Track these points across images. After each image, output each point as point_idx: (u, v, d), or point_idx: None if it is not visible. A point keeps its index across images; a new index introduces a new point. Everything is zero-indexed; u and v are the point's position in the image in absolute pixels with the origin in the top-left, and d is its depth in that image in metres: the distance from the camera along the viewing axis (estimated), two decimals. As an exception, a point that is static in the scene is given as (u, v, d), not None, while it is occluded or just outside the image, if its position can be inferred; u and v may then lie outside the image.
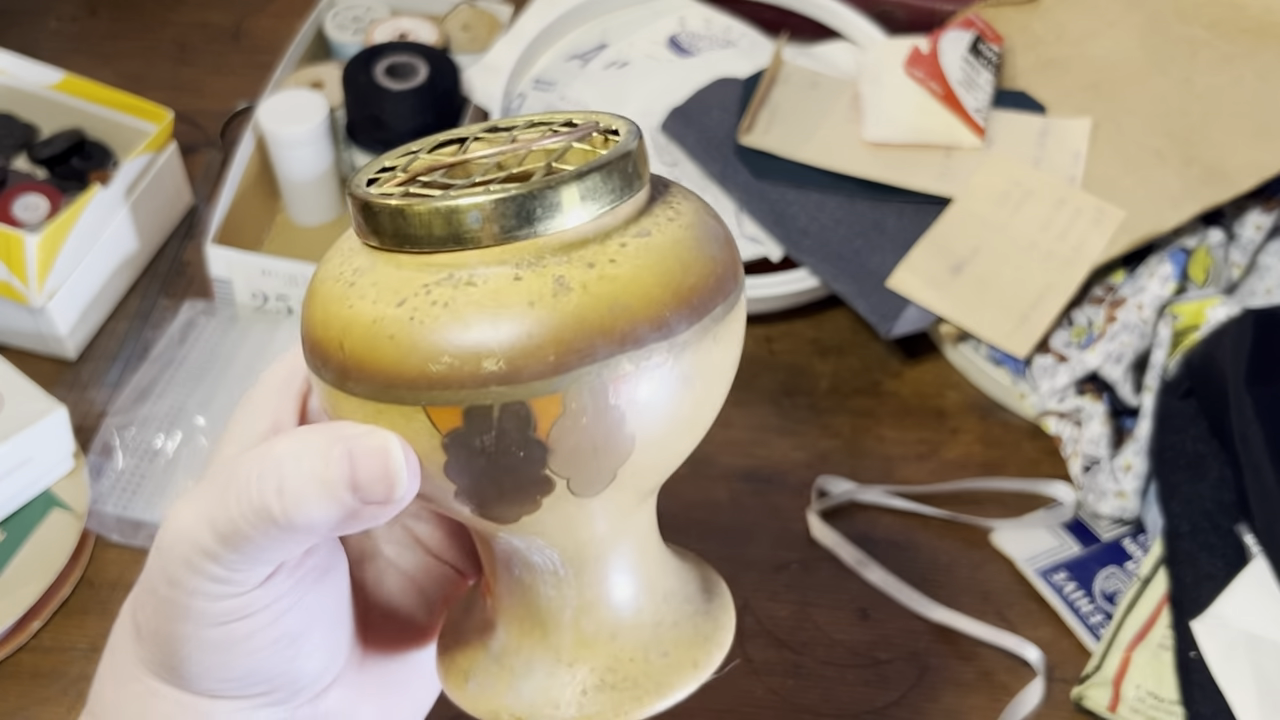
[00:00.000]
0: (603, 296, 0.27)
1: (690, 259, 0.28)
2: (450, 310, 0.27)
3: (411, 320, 0.27)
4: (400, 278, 0.28)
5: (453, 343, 0.27)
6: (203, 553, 0.30)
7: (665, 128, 0.80)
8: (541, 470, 0.28)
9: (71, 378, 0.75)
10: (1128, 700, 0.61)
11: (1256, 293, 0.77)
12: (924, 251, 0.75)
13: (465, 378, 0.27)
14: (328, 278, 0.29)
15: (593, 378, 0.27)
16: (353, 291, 0.28)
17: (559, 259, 0.27)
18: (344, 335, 0.28)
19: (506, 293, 0.27)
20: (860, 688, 0.63)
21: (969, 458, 0.73)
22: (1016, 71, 0.84)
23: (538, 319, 0.27)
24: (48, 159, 0.78)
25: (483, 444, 0.28)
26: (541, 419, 0.27)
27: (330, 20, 0.88)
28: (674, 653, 0.32)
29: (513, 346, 0.27)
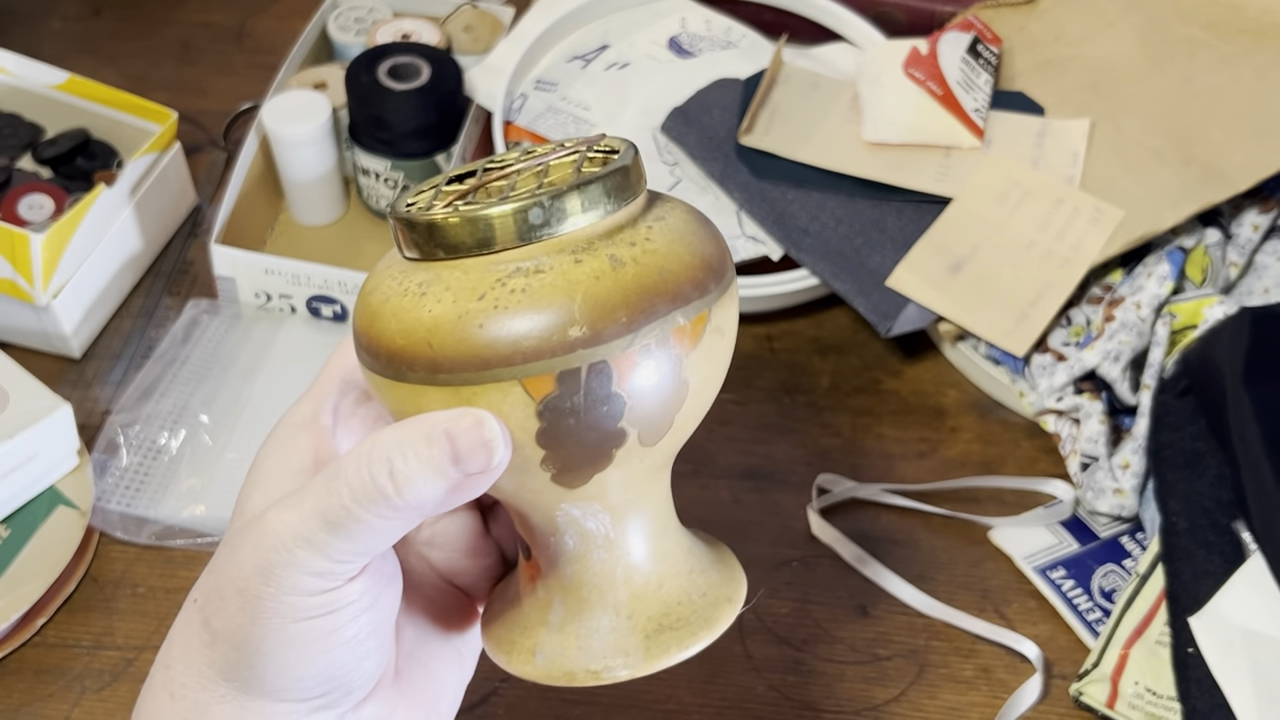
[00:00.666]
0: (651, 266, 0.32)
1: (702, 235, 0.34)
2: (529, 294, 0.31)
3: (496, 308, 0.31)
4: (472, 278, 0.32)
5: (539, 319, 0.31)
6: (309, 545, 0.32)
7: (666, 128, 0.80)
8: (619, 423, 0.32)
9: (76, 375, 0.75)
10: (1126, 696, 0.61)
11: (1254, 292, 0.77)
12: (923, 251, 0.75)
13: (555, 346, 0.31)
14: (392, 295, 0.33)
15: (657, 331, 0.32)
16: (428, 299, 0.32)
17: (605, 243, 0.32)
18: (431, 335, 0.32)
19: (574, 272, 0.32)
20: (860, 684, 0.64)
21: (968, 456, 0.73)
22: (1015, 72, 0.84)
23: (607, 289, 0.31)
24: (52, 159, 0.78)
25: (573, 404, 0.32)
26: (621, 372, 0.32)
27: (333, 21, 0.89)
28: (710, 592, 0.37)
29: (591, 313, 0.31)
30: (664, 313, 0.32)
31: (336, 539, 0.32)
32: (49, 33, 0.97)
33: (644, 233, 0.33)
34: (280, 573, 0.32)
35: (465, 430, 0.31)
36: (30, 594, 0.63)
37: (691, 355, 0.33)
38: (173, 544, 0.67)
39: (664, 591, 0.36)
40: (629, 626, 0.36)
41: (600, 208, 0.33)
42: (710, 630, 0.36)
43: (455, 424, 0.31)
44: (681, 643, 0.36)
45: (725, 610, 0.37)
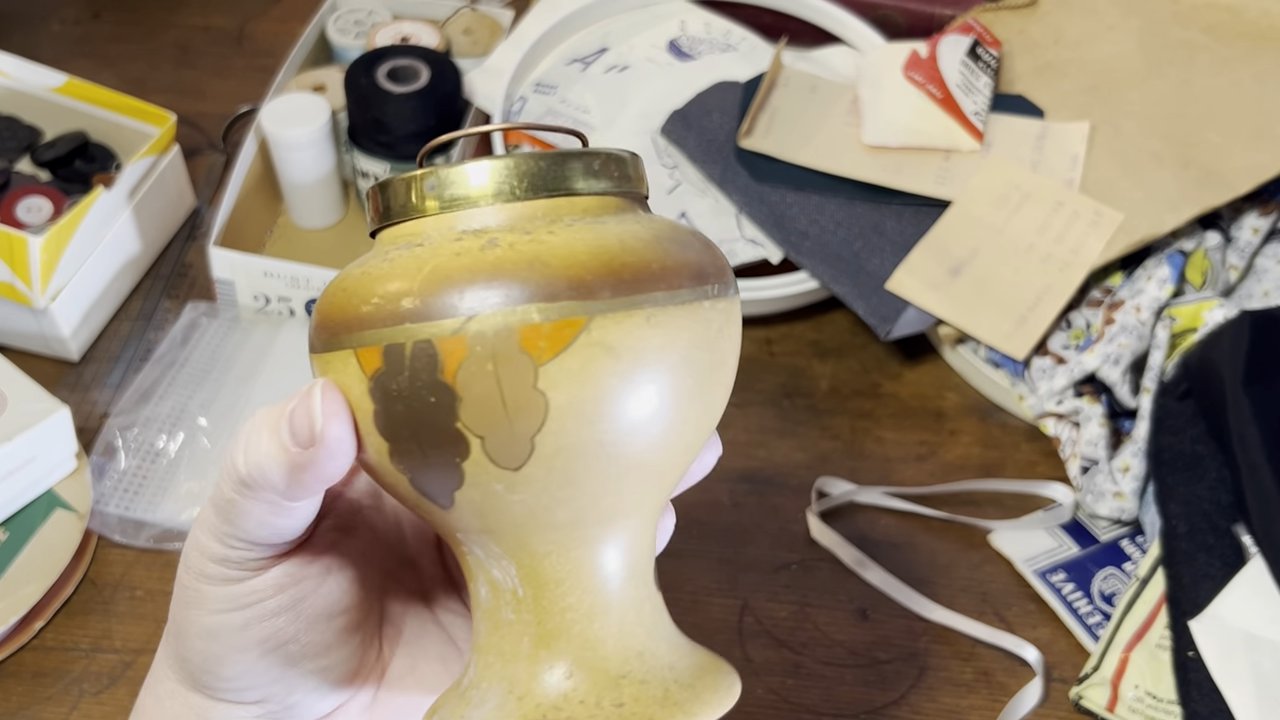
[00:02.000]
0: (525, 253, 0.28)
1: (637, 245, 0.29)
2: (393, 263, 0.29)
3: (364, 274, 0.30)
4: (374, 252, 0.31)
5: (384, 287, 0.29)
6: (209, 531, 0.32)
7: (665, 131, 0.80)
8: (454, 423, 0.28)
9: (74, 378, 0.75)
10: (1126, 700, 0.61)
11: (1254, 295, 0.77)
12: (923, 254, 0.75)
13: (385, 315, 0.28)
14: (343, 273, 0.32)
15: (498, 321, 0.28)
16: (350, 270, 0.31)
17: (501, 228, 0.29)
18: (322, 301, 0.31)
19: (443, 246, 0.29)
20: (860, 688, 0.64)
21: (968, 459, 0.73)
22: (1015, 75, 0.84)
23: (459, 265, 0.28)
24: (51, 161, 0.78)
25: (399, 385, 0.29)
26: (448, 360, 0.28)
27: (332, 24, 0.89)
28: (629, 706, 0.30)
29: (425, 285, 0.28)
30: (514, 302, 0.28)
31: (223, 524, 0.32)
32: (48, 35, 0.97)
33: (556, 227, 0.29)
34: (191, 559, 0.33)
35: (301, 401, 0.30)
36: (28, 597, 0.63)
37: (549, 365, 0.28)
38: (171, 547, 0.67)
39: (570, 683, 0.30)
40: (515, 712, 0.30)
41: (511, 192, 0.30)
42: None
43: (298, 396, 0.30)
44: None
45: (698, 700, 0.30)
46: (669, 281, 0.29)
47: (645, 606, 0.32)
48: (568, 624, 0.30)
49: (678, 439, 0.30)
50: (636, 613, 0.31)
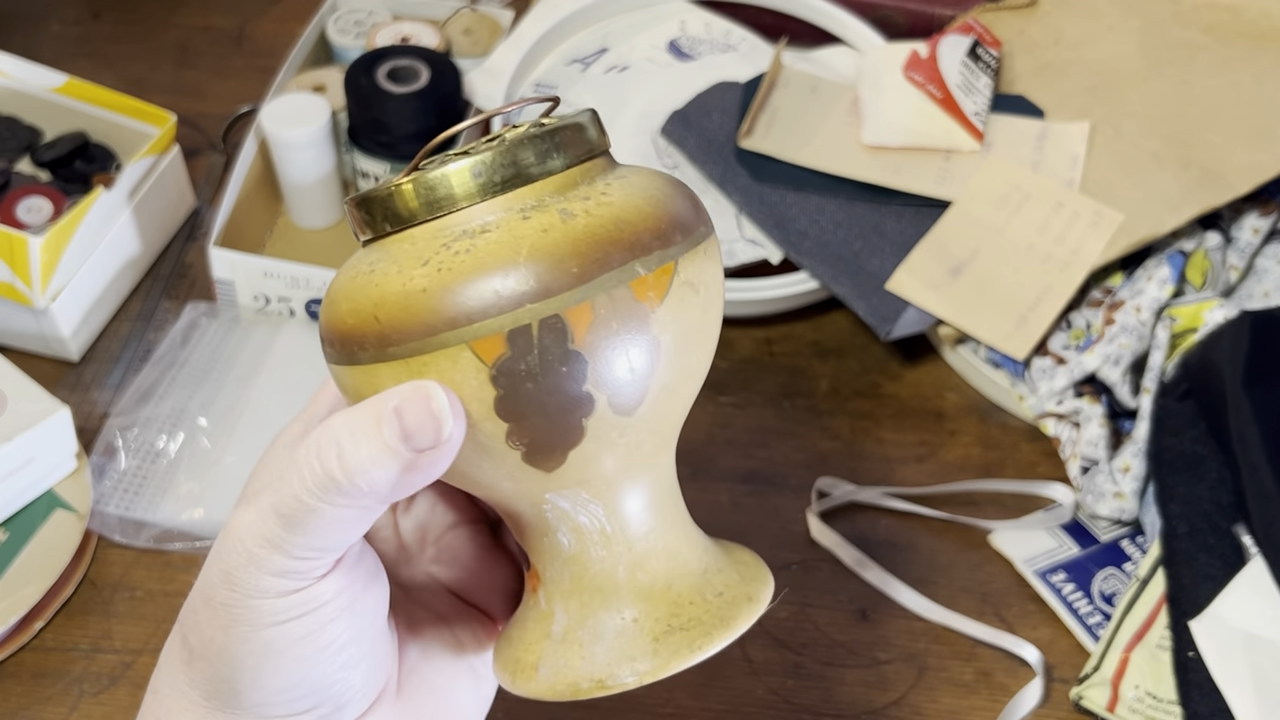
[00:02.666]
0: (606, 217, 0.31)
1: (667, 190, 0.33)
2: (474, 254, 0.30)
3: (440, 271, 0.30)
4: (416, 248, 0.31)
5: (485, 276, 0.30)
6: (267, 543, 0.31)
7: (665, 131, 0.80)
8: (583, 386, 0.30)
9: (74, 379, 0.75)
10: (1126, 700, 0.61)
11: (1254, 295, 0.77)
12: (923, 254, 0.75)
13: (503, 302, 0.29)
14: (343, 278, 0.32)
15: (614, 282, 0.30)
16: (375, 275, 0.31)
17: (556, 199, 0.31)
18: (377, 309, 0.30)
19: (520, 228, 0.30)
20: (860, 688, 0.64)
21: (968, 459, 0.73)
22: (1015, 75, 0.84)
23: (555, 240, 0.30)
24: (51, 162, 0.78)
25: (528, 365, 0.30)
26: (577, 328, 0.30)
27: (332, 24, 0.89)
28: (727, 592, 0.35)
29: (539, 265, 0.30)
30: (620, 262, 0.30)
31: (294, 534, 0.30)
32: (48, 36, 0.97)
33: (600, 188, 0.32)
34: (242, 575, 0.31)
35: (413, 404, 0.30)
36: (28, 597, 0.63)
37: (659, 310, 0.31)
38: (171, 547, 0.67)
39: (673, 591, 0.34)
40: (635, 630, 0.33)
41: (550, 163, 0.32)
42: (726, 630, 0.34)
43: (403, 399, 0.30)
44: (693, 644, 0.33)
45: (745, 609, 0.34)
46: (699, 218, 0.33)
47: (686, 511, 0.36)
48: (652, 545, 0.34)
49: (713, 352, 0.35)
50: (686, 518, 0.36)
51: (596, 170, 0.33)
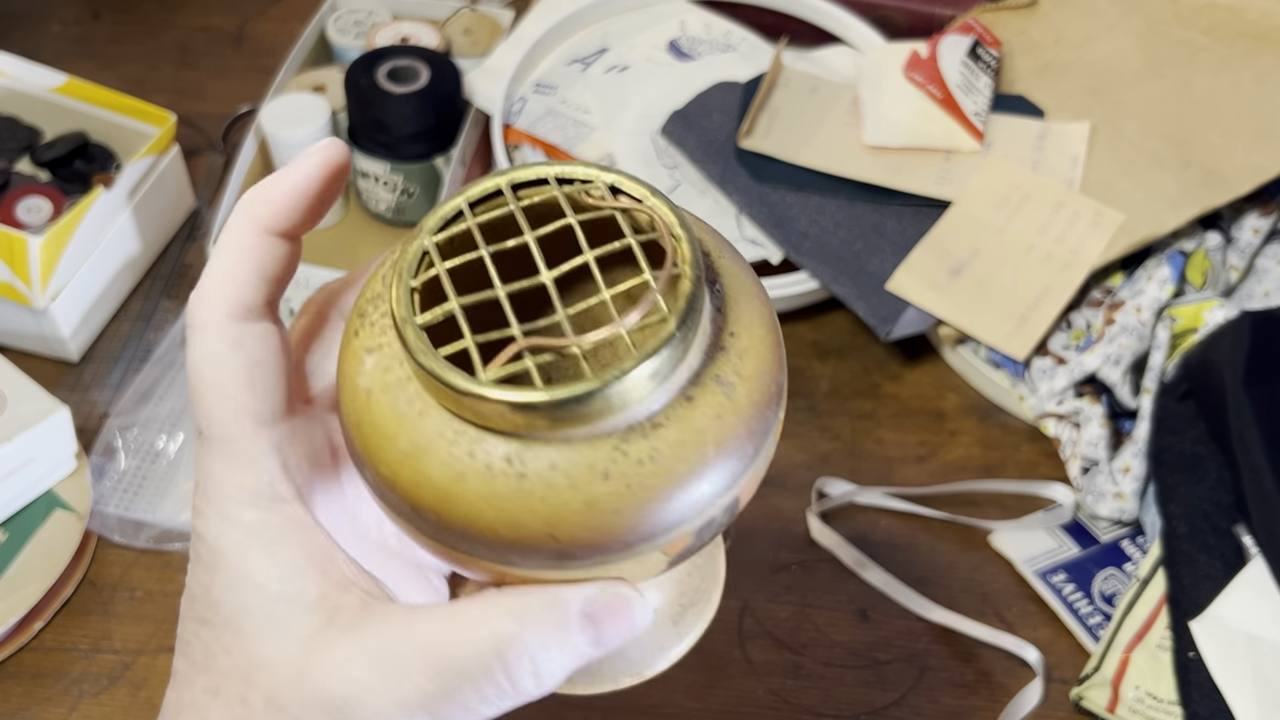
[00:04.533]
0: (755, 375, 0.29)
1: (768, 304, 0.31)
2: (659, 462, 0.28)
3: (630, 489, 0.28)
4: (585, 456, 0.28)
5: (680, 488, 0.28)
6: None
7: (665, 131, 0.80)
8: (729, 525, 0.31)
9: (74, 379, 0.75)
10: (1127, 701, 0.61)
11: (1254, 295, 0.77)
12: (923, 254, 0.75)
13: (699, 507, 0.28)
14: (468, 471, 0.28)
15: (771, 442, 0.30)
16: (532, 482, 0.28)
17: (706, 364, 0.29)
18: (553, 528, 0.28)
19: (693, 418, 0.28)
20: (860, 688, 0.64)
21: (968, 460, 0.73)
22: (1015, 75, 0.84)
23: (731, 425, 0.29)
24: (51, 162, 0.78)
25: (702, 541, 0.30)
26: (744, 495, 0.30)
27: (332, 24, 0.89)
28: (709, 572, 0.37)
29: (726, 461, 0.28)
30: (774, 419, 0.30)
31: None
32: (48, 36, 0.97)
33: (731, 329, 0.29)
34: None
35: (611, 613, 0.30)
36: (28, 598, 0.63)
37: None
38: (171, 548, 0.67)
39: (674, 571, 0.34)
40: (657, 620, 0.34)
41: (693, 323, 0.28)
42: (716, 585, 0.34)
43: (598, 606, 0.29)
44: (702, 614, 0.34)
45: (718, 556, 0.35)
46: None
47: None
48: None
49: None
50: None
51: (711, 304, 0.30)
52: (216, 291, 0.32)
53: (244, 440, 0.32)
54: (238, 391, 0.31)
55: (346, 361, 0.30)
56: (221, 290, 0.32)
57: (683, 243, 0.29)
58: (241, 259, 0.32)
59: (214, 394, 0.31)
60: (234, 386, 0.31)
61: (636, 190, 0.30)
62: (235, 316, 0.32)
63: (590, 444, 0.28)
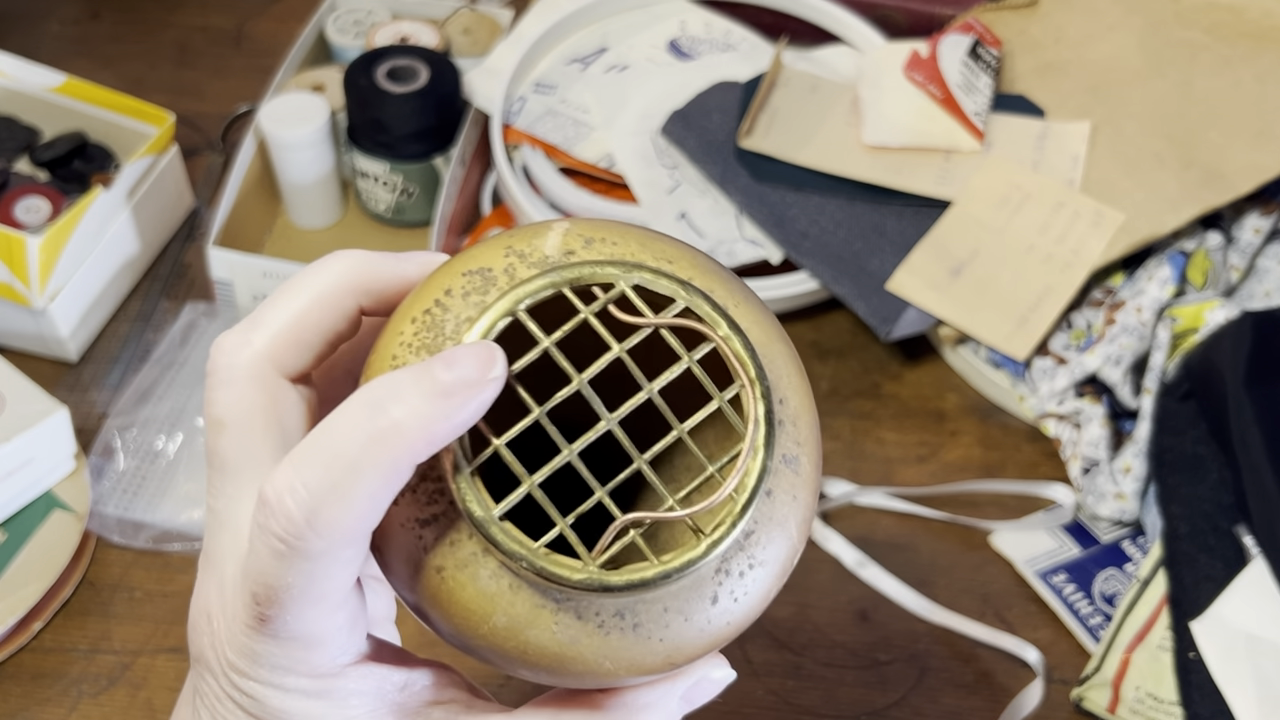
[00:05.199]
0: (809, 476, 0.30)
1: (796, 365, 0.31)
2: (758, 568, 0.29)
3: (736, 601, 0.29)
4: (692, 589, 0.29)
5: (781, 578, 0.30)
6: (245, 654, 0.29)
7: (665, 131, 0.80)
8: None
9: (73, 379, 0.75)
10: (1127, 701, 0.61)
11: (1255, 295, 0.77)
12: (923, 254, 0.75)
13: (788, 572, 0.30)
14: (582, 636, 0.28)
15: None
16: (646, 630, 0.28)
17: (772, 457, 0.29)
18: (673, 658, 0.29)
19: (777, 513, 0.29)
20: (860, 689, 0.63)
21: (968, 460, 0.73)
22: (1015, 75, 0.84)
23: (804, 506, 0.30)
24: (49, 161, 0.78)
25: None
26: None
27: (331, 24, 0.88)
28: None
29: (808, 524, 0.30)
30: (821, 458, 0.31)
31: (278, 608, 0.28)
32: (47, 35, 0.97)
33: (781, 402, 0.30)
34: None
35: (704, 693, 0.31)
36: (27, 598, 0.63)
37: None
38: (170, 548, 0.67)
39: None
40: None
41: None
42: None
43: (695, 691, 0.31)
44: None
45: None
46: None
47: None
48: None
49: None
50: None
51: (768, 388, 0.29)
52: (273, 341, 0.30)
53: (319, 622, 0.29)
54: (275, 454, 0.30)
55: (393, 534, 0.28)
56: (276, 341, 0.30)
57: (747, 365, 0.28)
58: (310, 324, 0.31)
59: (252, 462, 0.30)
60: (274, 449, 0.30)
61: (666, 288, 0.28)
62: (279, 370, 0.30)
63: (696, 579, 0.28)
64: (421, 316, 0.29)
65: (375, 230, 0.83)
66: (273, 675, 0.29)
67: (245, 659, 0.29)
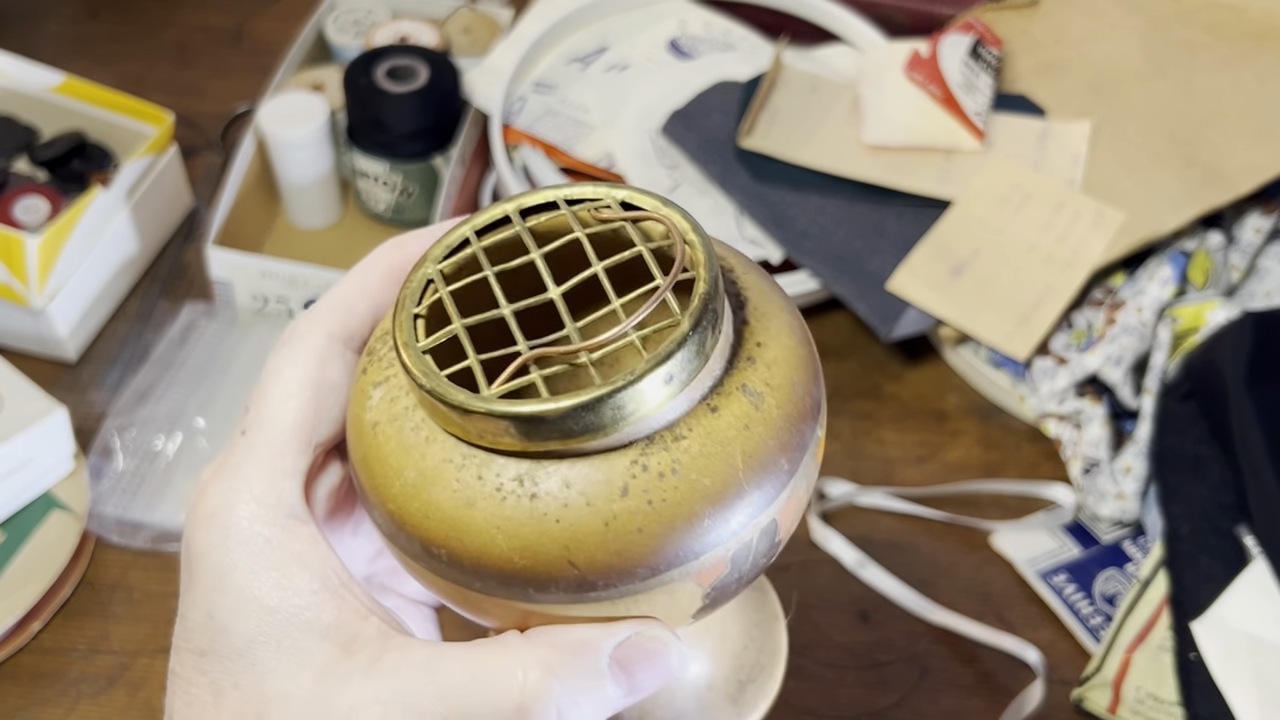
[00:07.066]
0: (785, 384, 0.28)
1: (793, 307, 0.30)
2: (683, 475, 0.26)
3: (652, 505, 0.26)
4: (601, 472, 0.26)
5: (708, 504, 0.26)
6: None
7: (666, 130, 0.80)
8: (772, 561, 0.29)
9: (72, 379, 0.75)
10: (1128, 702, 0.61)
11: (1256, 295, 0.77)
12: (924, 254, 0.75)
13: (733, 528, 0.26)
14: (478, 496, 0.26)
15: (810, 459, 0.29)
16: (544, 502, 0.26)
17: (730, 374, 0.27)
18: (571, 553, 0.26)
19: (718, 429, 0.26)
20: (860, 690, 0.63)
21: (969, 460, 0.73)
22: (1016, 74, 0.84)
23: (760, 437, 0.27)
24: (48, 161, 0.78)
25: (740, 573, 0.28)
26: (784, 522, 0.28)
27: (331, 23, 0.88)
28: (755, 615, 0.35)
29: (758, 475, 0.26)
30: (809, 434, 0.28)
31: None
32: (45, 34, 0.97)
33: (758, 338, 0.28)
34: None
35: (645, 657, 0.27)
36: (26, 599, 0.63)
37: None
38: (169, 548, 0.67)
39: (730, 643, 0.32)
40: (713, 698, 0.31)
41: (715, 332, 0.27)
42: (778, 660, 0.32)
43: (630, 650, 0.27)
44: (764, 690, 0.31)
45: (778, 629, 0.33)
46: None
47: None
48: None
49: None
50: None
51: (736, 314, 0.28)
52: (329, 310, 0.32)
53: (286, 453, 0.31)
54: (305, 406, 0.31)
55: (355, 399, 0.29)
56: (334, 311, 0.32)
57: (696, 247, 0.27)
58: (365, 294, 0.33)
59: (282, 398, 0.31)
60: (303, 400, 0.31)
61: (648, 203, 0.28)
62: (335, 338, 0.32)
63: (606, 458, 0.26)
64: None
65: (375, 230, 0.83)
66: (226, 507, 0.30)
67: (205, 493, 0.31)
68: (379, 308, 0.33)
